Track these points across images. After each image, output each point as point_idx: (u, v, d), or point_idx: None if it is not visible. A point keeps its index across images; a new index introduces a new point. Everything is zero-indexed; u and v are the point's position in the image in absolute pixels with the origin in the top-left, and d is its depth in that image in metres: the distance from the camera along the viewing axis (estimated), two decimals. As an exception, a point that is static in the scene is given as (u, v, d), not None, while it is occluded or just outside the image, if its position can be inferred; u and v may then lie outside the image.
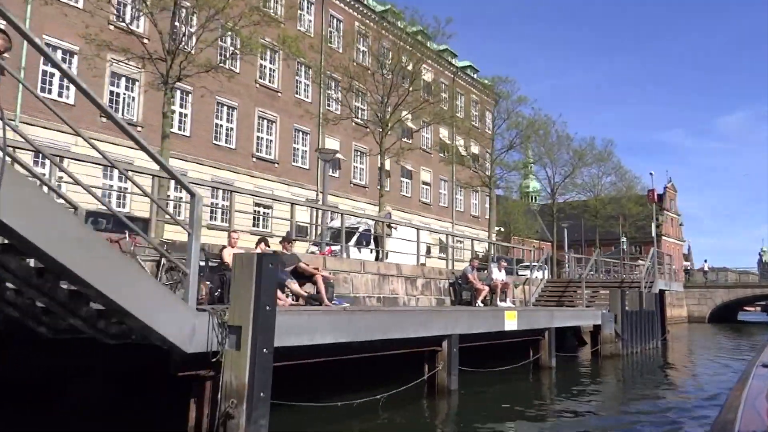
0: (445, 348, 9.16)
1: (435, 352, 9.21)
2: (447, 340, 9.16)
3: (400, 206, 37.32)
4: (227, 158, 27.42)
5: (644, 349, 17.61)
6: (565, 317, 13.47)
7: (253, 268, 5.66)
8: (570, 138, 34.45)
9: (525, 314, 11.53)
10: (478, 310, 10.81)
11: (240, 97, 28.01)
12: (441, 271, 17.13)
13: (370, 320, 7.63)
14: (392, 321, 8.07)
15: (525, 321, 11.41)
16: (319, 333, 6.80)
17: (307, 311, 7.23)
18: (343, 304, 11.52)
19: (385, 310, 8.85)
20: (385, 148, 20.90)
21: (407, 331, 8.15)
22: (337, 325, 7.05)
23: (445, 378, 9.13)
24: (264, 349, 5.61)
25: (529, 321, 11.59)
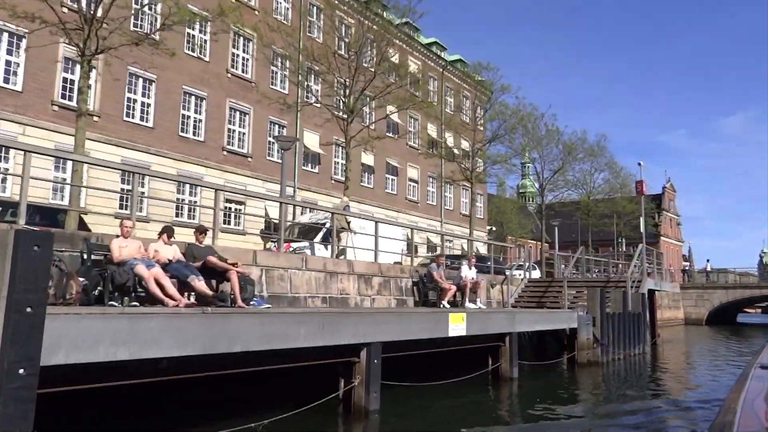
0: (363, 359, 7.34)
1: (351, 364, 7.39)
2: (366, 349, 7.34)
3: (386, 204, 35.53)
4: (195, 151, 25.66)
5: (628, 355, 15.72)
6: (530, 320, 11.61)
7: (8, 251, 3.84)
8: (560, 132, 32.58)
9: (477, 317, 9.71)
10: (409, 312, 8.93)
11: (210, 86, 26.27)
12: (403, 268, 15.29)
13: (242, 326, 5.80)
14: (280, 327, 6.25)
15: (477, 325, 9.60)
16: (154, 344, 4.97)
17: (142, 313, 5.37)
18: (262, 304, 9.72)
19: (271, 312, 6.99)
20: (350, 136, 19.05)
21: (298, 339, 6.34)
22: (186, 332, 5.23)
23: (362, 396, 7.30)
24: (20, 369, 3.80)
25: (482, 325, 9.78)
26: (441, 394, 9.05)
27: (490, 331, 10.01)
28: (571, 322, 13.42)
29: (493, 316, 10.43)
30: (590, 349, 13.82)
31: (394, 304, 14.69)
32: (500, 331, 10.42)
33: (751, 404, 2.11)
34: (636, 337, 16.31)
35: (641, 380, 13.31)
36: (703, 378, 14.66)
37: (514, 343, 10.71)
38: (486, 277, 19.14)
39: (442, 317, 8.73)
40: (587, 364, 13.69)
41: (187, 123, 25.63)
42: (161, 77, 24.46)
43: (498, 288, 19.37)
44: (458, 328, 8.95)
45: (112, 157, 21.89)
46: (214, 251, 10.00)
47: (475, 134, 27.14)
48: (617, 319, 15.16)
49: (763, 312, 66.75)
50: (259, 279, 11.45)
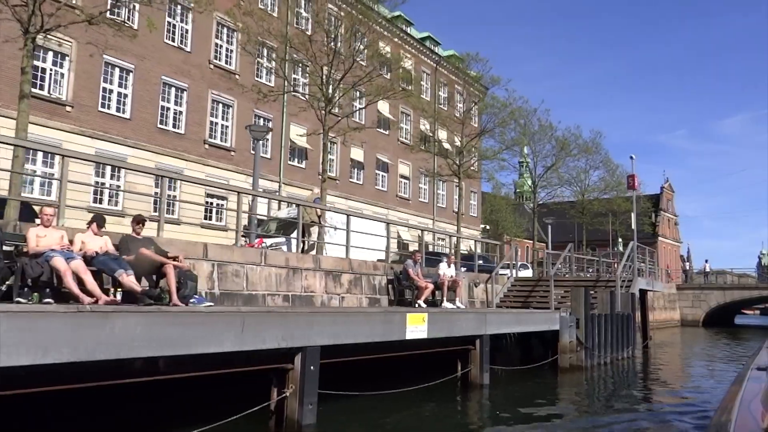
0: (297, 365, 6.37)
1: (284, 371, 6.42)
2: (300, 354, 6.37)
3: (375, 201, 34.56)
4: (174, 144, 24.70)
5: (616, 359, 14.72)
6: (504, 322, 10.62)
7: None
8: (553, 127, 31.48)
9: (441, 318, 8.73)
10: (355, 312, 7.85)
11: (191, 77, 25.30)
12: (377, 265, 14.32)
13: (128, 328, 4.81)
14: (181, 328, 5.27)
15: (441, 327, 8.63)
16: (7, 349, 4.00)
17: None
18: (203, 302, 8.76)
19: (172, 311, 5.99)
20: (328, 127, 18.07)
21: (207, 343, 5.37)
22: (48, 335, 4.25)
23: (295, 408, 6.33)
24: None
25: (448, 327, 8.81)
26: (397, 404, 8.08)
27: (456, 333, 9.04)
28: (552, 324, 12.43)
29: (461, 317, 9.43)
30: (573, 352, 12.84)
31: (366, 303, 13.73)
32: (469, 334, 9.44)
33: (747, 405, 2.09)
34: (624, 339, 15.32)
35: (627, 386, 12.33)
36: (695, 384, 13.69)
37: (485, 347, 9.73)
38: (469, 276, 18.17)
39: (397, 318, 7.75)
40: (570, 369, 12.70)
41: (167, 115, 24.68)
42: (139, 67, 23.52)
43: (482, 287, 18.40)
44: (418, 330, 7.98)
45: (86, 149, 20.93)
46: (152, 243, 9.04)
47: (463, 128, 26.09)
48: (604, 321, 14.17)
49: (761, 313, 65.68)
50: (210, 275, 10.50)
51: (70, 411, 5.74)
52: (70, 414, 5.82)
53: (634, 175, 19.23)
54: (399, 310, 8.63)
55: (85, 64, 21.89)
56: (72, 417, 5.87)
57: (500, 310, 12.94)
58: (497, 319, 10.27)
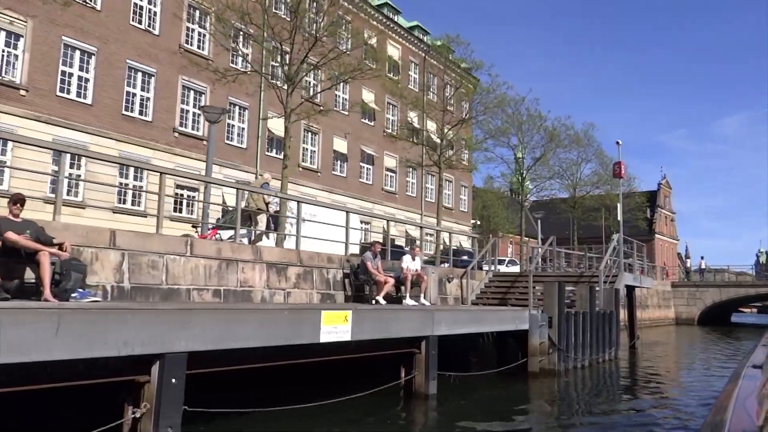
0: (154, 378, 4.90)
1: (137, 385, 4.95)
2: (158, 363, 4.90)
3: (360, 194, 33.03)
4: (141, 132, 23.22)
5: (595, 361, 13.22)
6: (458, 321, 9.09)
7: None
8: (542, 117, 29.85)
9: (373, 317, 7.25)
10: (241, 309, 6.24)
11: (159, 62, 23.80)
12: (331, 257, 12.83)
13: None
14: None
15: (372, 327, 7.17)
16: None
17: None
18: (86, 297, 7.28)
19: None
20: (290, 109, 16.57)
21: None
22: None
23: (150, 428, 4.86)
24: None
25: (381, 327, 7.33)
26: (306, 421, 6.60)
27: (394, 334, 7.56)
28: (520, 324, 10.93)
29: (401, 316, 7.92)
30: (545, 355, 11.34)
31: (317, 300, 12.24)
32: (411, 335, 7.96)
33: (742, 403, 2.04)
34: (606, 339, 13.81)
35: (605, 393, 10.82)
36: (682, 388, 12.20)
37: (431, 350, 8.23)
38: (441, 271, 16.69)
39: (307, 317, 6.27)
40: (540, 374, 11.20)
41: (133, 101, 23.20)
42: (102, 50, 22.06)
43: (456, 283, 16.91)
44: (338, 331, 6.52)
45: (42, 136, 19.45)
46: (32, 226, 7.55)
47: (444, 115, 24.56)
48: (582, 320, 12.66)
49: (759, 312, 64.07)
50: (118, 266, 9.01)
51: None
52: None
53: (621, 162, 17.70)
54: (302, 307, 7.11)
55: (41, 46, 20.45)
56: None
57: (452, 307, 11.40)
58: (448, 317, 8.75)
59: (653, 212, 65.04)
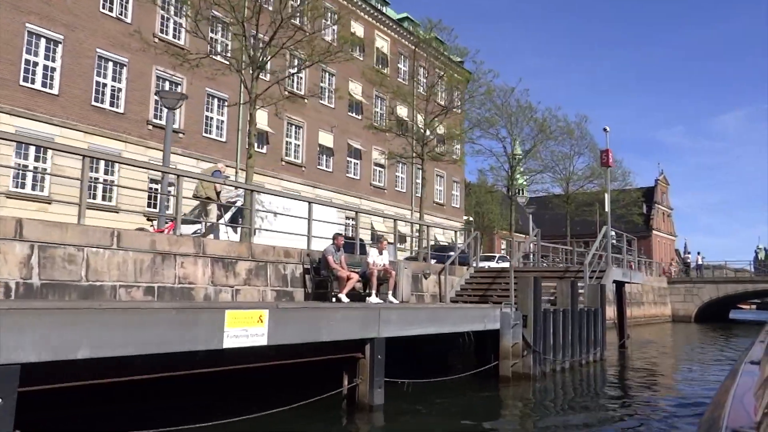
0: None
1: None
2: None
3: (346, 189, 31.88)
4: (112, 124, 22.11)
5: (578, 363, 12.04)
6: (411, 321, 7.88)
7: None
8: (533, 108, 28.61)
9: (298, 317, 6.10)
10: (114, 308, 5.05)
11: (131, 52, 22.62)
12: (289, 251, 11.68)
13: None
14: None
15: (298, 329, 6.03)
16: None
17: None
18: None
19: None
20: (255, 94, 15.41)
21: None
22: None
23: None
24: None
25: (309, 328, 6.18)
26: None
27: (327, 337, 6.40)
28: (490, 323, 9.77)
29: (339, 316, 6.74)
30: (518, 357, 10.17)
31: (272, 297, 11.11)
32: (350, 337, 6.81)
33: (740, 399, 2.00)
34: (590, 339, 12.65)
35: (583, 400, 9.66)
36: (676, 392, 11.04)
37: (377, 354, 7.07)
38: (416, 266, 15.56)
39: (204, 318, 5.13)
40: (513, 379, 10.04)
41: (103, 92, 22.08)
42: (70, 38, 20.95)
43: (434, 279, 15.76)
44: (248, 334, 5.38)
45: (4, 127, 18.36)
46: None
47: (427, 105, 23.37)
48: (562, 318, 11.50)
49: (757, 308, 62.80)
50: (25, 260, 7.87)
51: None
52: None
53: (609, 150, 16.51)
54: (194, 306, 5.93)
55: (4, 33, 19.34)
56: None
57: (403, 305, 10.17)
58: (398, 317, 7.57)
59: (650, 208, 63.83)
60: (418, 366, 11.22)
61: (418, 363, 11.44)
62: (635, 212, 40.58)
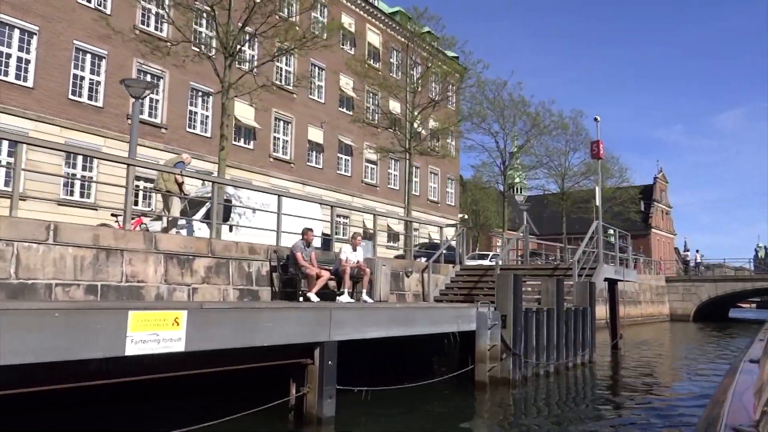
0: None
1: None
2: None
3: (337, 186, 31.07)
4: (90, 118, 21.32)
5: (564, 367, 11.21)
6: (372, 322, 7.00)
7: None
8: (526, 102, 27.73)
9: (227, 318, 5.27)
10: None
11: (110, 44, 21.79)
12: (254, 247, 10.88)
13: None
14: None
15: (227, 332, 5.21)
16: None
17: None
18: None
19: None
20: (228, 83, 14.61)
21: None
22: None
23: None
24: None
25: (240, 332, 5.35)
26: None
27: (263, 341, 5.57)
28: (465, 323, 8.95)
29: (280, 316, 5.90)
30: (497, 361, 9.35)
31: (234, 297, 10.30)
32: (293, 341, 5.98)
33: (740, 397, 2.01)
34: (578, 340, 11.82)
35: (567, 407, 8.83)
36: (670, 395, 10.22)
37: (327, 360, 6.24)
38: (397, 263, 14.75)
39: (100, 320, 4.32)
40: (491, 385, 9.22)
41: (81, 85, 21.30)
42: (45, 29, 20.17)
43: (416, 277, 14.94)
44: (159, 339, 4.58)
45: (-25, 121, 17.63)
46: None
47: (414, 97, 22.55)
48: (546, 318, 10.67)
49: (758, 307, 61.88)
50: (-58, 255, 7.07)
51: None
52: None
53: (599, 141, 15.67)
54: (112, 306, 5.13)
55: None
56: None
57: (359, 304, 9.28)
58: (355, 317, 6.71)
59: (649, 206, 62.93)
60: (402, 370, 10.44)
61: (401, 366, 10.64)
62: (633, 209, 39.69)
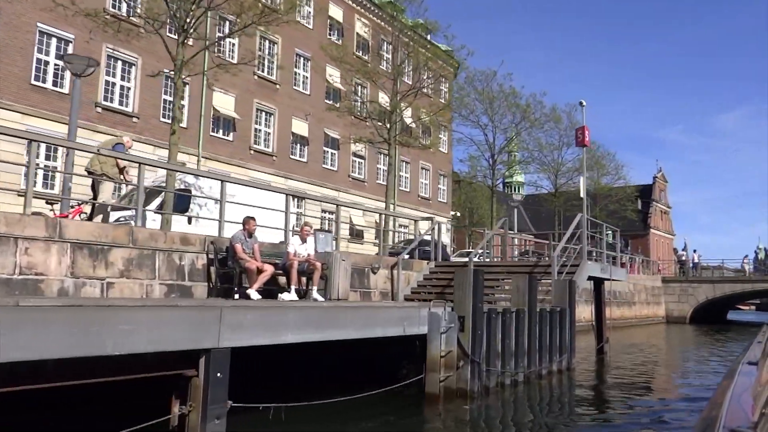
0: None
1: None
2: None
3: (322, 181, 29.79)
4: (54, 105, 20.09)
5: (536, 375, 9.87)
6: (276, 325, 5.68)
7: None
8: (516, 94, 26.35)
9: (50, 319, 3.94)
10: None
11: (77, 27, 20.52)
12: (187, 237, 9.59)
13: None
14: None
15: (54, 338, 3.94)
16: None
17: None
18: None
19: None
20: (181, 60, 13.34)
21: None
22: None
23: None
24: None
25: (75, 338, 4.04)
26: None
27: (113, 349, 4.24)
28: (411, 326, 7.62)
29: (146, 317, 4.60)
30: (452, 369, 8.04)
31: (161, 293, 9.01)
32: (166, 348, 4.68)
33: (738, 399, 2.01)
34: (553, 345, 10.49)
35: (529, 426, 7.49)
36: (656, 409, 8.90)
37: (214, 372, 4.92)
38: (363, 259, 13.47)
39: None
40: (445, 397, 7.89)
41: (45, 70, 20.08)
42: (5, 10, 18.96)
43: (384, 274, 13.65)
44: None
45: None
46: None
47: (395, 85, 21.26)
48: (516, 320, 9.35)
49: (757, 309, 60.33)
50: None
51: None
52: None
53: (585, 127, 14.33)
54: None
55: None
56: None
57: (265, 303, 7.83)
58: (252, 320, 5.34)
59: (648, 206, 61.50)
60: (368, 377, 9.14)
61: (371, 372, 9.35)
62: (629, 207, 38.24)
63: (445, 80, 32.66)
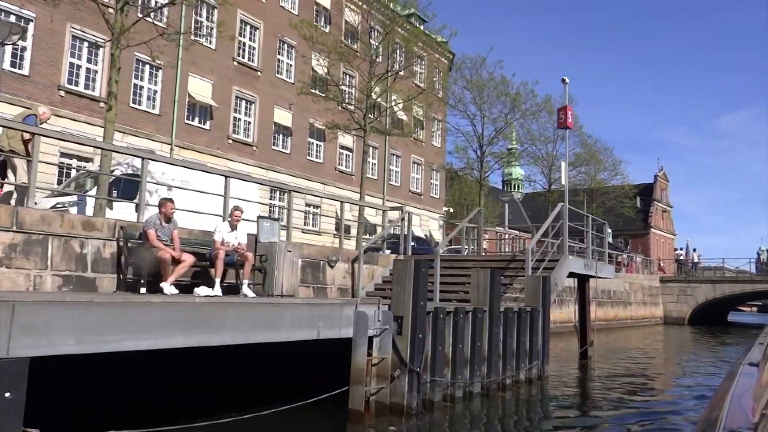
0: None
1: None
2: None
3: (307, 174, 28.32)
4: (13, 87, 18.66)
5: (496, 386, 8.36)
6: (100, 327, 4.19)
7: None
8: (506, 82, 24.77)
9: None
10: None
11: (39, 5, 19.15)
12: (91, 222, 8.15)
13: None
14: None
15: None
16: None
17: None
18: None
19: None
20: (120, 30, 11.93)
21: None
22: None
23: None
24: None
25: None
26: None
27: None
28: (330, 328, 6.12)
29: None
30: (385, 380, 6.56)
31: (53, 287, 7.58)
32: None
33: (738, 400, 1.97)
34: (520, 351, 8.99)
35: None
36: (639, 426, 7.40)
37: (4, 391, 3.51)
38: (318, 251, 12.01)
39: None
40: (376, 412, 6.43)
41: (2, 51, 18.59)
42: (-43, -15, 17.56)
43: (344, 268, 12.18)
44: None
45: None
46: None
47: (371, 67, 19.78)
48: (472, 321, 7.85)
49: (759, 311, 58.52)
50: None
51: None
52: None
53: (567, 107, 12.78)
54: None
55: None
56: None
57: (105, 298, 6.33)
58: (70, 319, 3.89)
59: (649, 205, 59.81)
60: (284, 389, 7.75)
61: (289, 383, 7.94)
62: (627, 204, 36.56)
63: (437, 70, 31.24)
